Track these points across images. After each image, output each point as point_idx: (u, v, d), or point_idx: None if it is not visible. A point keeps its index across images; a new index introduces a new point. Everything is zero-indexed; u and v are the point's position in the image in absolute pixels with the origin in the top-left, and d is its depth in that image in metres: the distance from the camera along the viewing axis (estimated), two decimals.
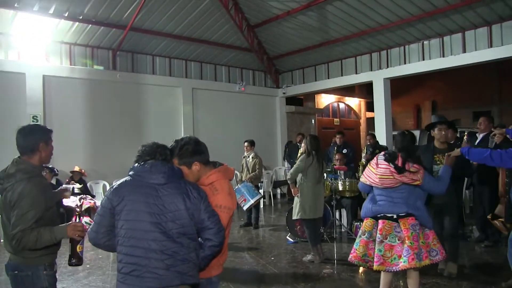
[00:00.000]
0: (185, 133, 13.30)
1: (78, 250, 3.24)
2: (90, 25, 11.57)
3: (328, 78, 15.50)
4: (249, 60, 15.91)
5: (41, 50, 11.43)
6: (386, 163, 4.52)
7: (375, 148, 10.17)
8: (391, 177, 4.46)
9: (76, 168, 11.06)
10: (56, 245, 3.32)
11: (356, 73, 14.47)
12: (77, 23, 11.34)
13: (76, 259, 3.25)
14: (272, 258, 7.73)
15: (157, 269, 2.73)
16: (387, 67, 13.52)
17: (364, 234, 4.66)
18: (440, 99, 21.63)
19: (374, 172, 4.59)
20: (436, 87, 21.17)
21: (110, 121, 12.38)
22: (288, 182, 7.70)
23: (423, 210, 4.58)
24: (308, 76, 16.25)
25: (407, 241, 4.38)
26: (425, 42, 12.47)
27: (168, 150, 3.11)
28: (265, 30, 14.24)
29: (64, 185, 3.59)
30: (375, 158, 4.72)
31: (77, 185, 10.78)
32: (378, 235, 4.54)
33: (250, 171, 10.12)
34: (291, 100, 18.07)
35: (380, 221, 4.58)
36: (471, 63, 11.70)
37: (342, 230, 9.48)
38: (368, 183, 4.72)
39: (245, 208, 8.65)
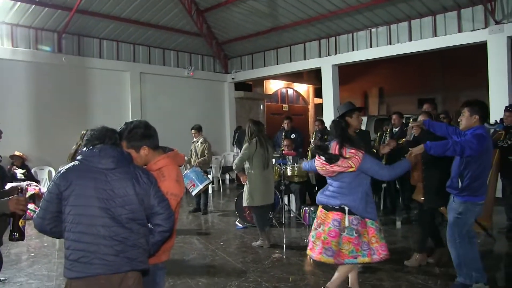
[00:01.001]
0: (133, 118, 13.08)
1: (20, 224, 3.10)
2: (34, 6, 11.17)
3: (277, 64, 15.58)
4: (198, 45, 15.78)
5: None
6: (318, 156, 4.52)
7: (324, 133, 10.30)
8: (323, 168, 4.45)
9: (16, 153, 10.72)
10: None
11: (305, 59, 14.61)
12: (19, 2, 10.93)
13: (18, 234, 3.11)
14: (222, 244, 7.75)
15: (106, 255, 2.67)
16: (336, 53, 13.71)
17: (319, 227, 4.58)
18: (387, 86, 22.10)
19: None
20: (383, 74, 21.60)
21: (55, 105, 12.03)
22: (235, 171, 7.65)
23: (362, 200, 4.41)
24: (257, 61, 16.28)
25: (322, 235, 4.44)
26: (373, 30, 12.71)
27: (117, 134, 3.04)
28: (215, 15, 14.15)
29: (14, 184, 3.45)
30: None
31: (20, 171, 10.48)
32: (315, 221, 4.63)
33: (199, 156, 10.07)
34: (240, 86, 18.08)
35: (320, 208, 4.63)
36: (416, 51, 12.09)
37: (291, 215, 9.59)
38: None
39: (193, 193, 8.65)
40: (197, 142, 10.27)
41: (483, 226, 5.83)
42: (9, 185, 7.18)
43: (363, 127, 12.13)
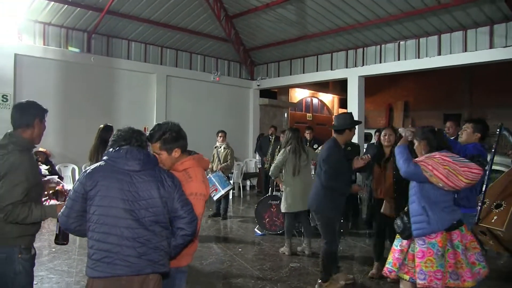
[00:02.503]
0: (158, 120, 13.17)
1: None
2: (66, 6, 11.32)
3: (303, 73, 15.54)
4: (225, 51, 15.84)
5: (14, 28, 11.13)
6: (480, 168, 4.01)
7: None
8: (470, 180, 3.92)
9: (41, 149, 10.85)
10: (35, 227, 3.25)
11: (332, 69, 14.55)
12: (52, 2, 11.10)
13: (62, 238, 3.25)
14: (240, 250, 7.74)
15: (129, 256, 2.70)
16: (363, 65, 13.62)
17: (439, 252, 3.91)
18: (412, 99, 21.89)
19: (463, 179, 3.87)
20: (409, 88, 21.43)
21: (81, 104, 12.18)
22: (272, 177, 7.68)
23: None
24: (283, 69, 16.26)
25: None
26: (401, 43, 12.60)
27: (144, 136, 3.06)
28: (243, 21, 14.19)
29: (48, 177, 3.51)
30: (444, 158, 3.96)
31: (44, 166, 10.62)
32: (461, 246, 3.98)
33: (221, 162, 10.08)
34: (265, 93, 18.08)
35: (456, 231, 4.01)
36: (445, 66, 11.91)
37: (311, 224, 9.51)
38: (441, 184, 3.89)
39: (215, 198, 8.68)
40: (220, 147, 10.29)
41: (507, 247, 5.71)
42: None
43: None
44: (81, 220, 2.81)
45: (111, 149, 2.92)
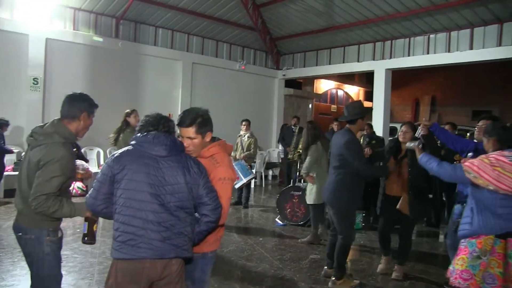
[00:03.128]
0: (182, 107, 13.25)
1: (94, 229, 3.31)
2: None
3: (330, 64, 15.41)
4: (252, 39, 15.80)
5: (45, 12, 11.29)
6: None
7: (372, 138, 10.16)
8: None
9: None
10: None
11: (358, 61, 14.39)
12: None
13: (90, 238, 3.30)
14: (260, 239, 7.75)
15: (153, 240, 2.73)
16: (390, 57, 13.44)
17: (484, 256, 3.69)
18: (440, 94, 21.53)
19: None
20: (437, 82, 21.06)
21: (108, 89, 12.28)
22: (304, 174, 7.64)
23: None
24: (309, 60, 16.16)
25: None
26: (431, 36, 12.36)
27: (171, 122, 3.08)
28: (270, 10, 14.12)
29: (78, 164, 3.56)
30: (499, 159, 3.65)
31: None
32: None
33: (244, 150, 10.08)
34: (290, 83, 17.99)
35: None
36: (477, 60, 11.61)
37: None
38: (491, 187, 3.61)
39: (237, 186, 8.70)
40: (244, 136, 10.28)
41: None
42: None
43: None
44: (108, 202, 2.86)
45: (138, 134, 2.95)
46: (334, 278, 5.51)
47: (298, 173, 9.12)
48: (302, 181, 8.66)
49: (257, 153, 11.35)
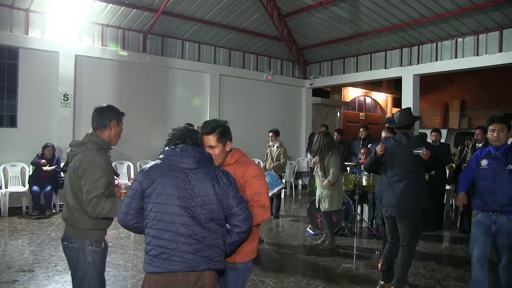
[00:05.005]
0: (212, 118, 13.32)
1: None
2: (123, 7, 11.62)
3: (357, 72, 15.35)
4: (278, 49, 15.85)
5: (74, 30, 11.54)
6: None
7: (369, 141, 10.17)
8: None
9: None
10: (106, 222, 3.50)
11: (386, 68, 14.30)
12: (110, 4, 11.41)
13: None
14: (292, 249, 7.74)
15: (184, 253, 2.75)
16: (418, 63, 13.32)
17: None
18: (469, 98, 21.20)
19: None
20: (466, 86, 20.76)
21: (137, 103, 12.45)
22: (331, 182, 7.72)
23: None
24: (336, 68, 16.12)
25: None
26: (459, 40, 12.22)
27: (199, 135, 3.11)
28: (296, 20, 14.15)
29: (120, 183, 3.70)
30: None
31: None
32: None
33: (274, 160, 10.09)
34: (317, 92, 17.97)
35: None
36: (507, 63, 11.39)
37: (363, 225, 9.44)
38: None
39: None
40: (273, 146, 10.30)
41: None
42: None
43: (442, 140, 11.75)
44: (139, 217, 2.88)
45: (166, 148, 2.98)
46: None
47: None
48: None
49: (287, 163, 11.36)
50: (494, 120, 4.89)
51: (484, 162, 4.87)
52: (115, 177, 3.87)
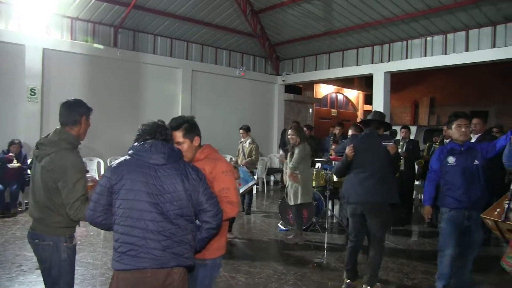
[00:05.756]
0: (183, 115, 13.25)
1: None
2: (93, 0, 11.44)
3: (329, 68, 15.45)
4: (251, 46, 15.85)
5: (42, 22, 11.30)
6: None
7: (343, 138, 10.28)
8: None
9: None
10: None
11: (357, 65, 14.44)
12: None
13: None
14: (263, 245, 7.77)
15: (153, 249, 2.73)
16: (389, 60, 13.49)
17: None
18: (439, 96, 21.55)
19: None
20: (435, 84, 21.09)
21: (107, 98, 12.29)
22: (292, 170, 7.79)
23: None
24: (309, 65, 16.20)
25: None
26: (428, 39, 12.43)
27: (169, 131, 3.10)
28: (269, 16, 14.15)
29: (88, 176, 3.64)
30: None
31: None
32: None
33: (246, 157, 10.08)
34: (290, 88, 18.00)
35: None
36: (473, 62, 11.73)
37: (334, 221, 9.52)
38: None
39: (239, 192, 8.66)
40: (245, 142, 10.28)
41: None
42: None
43: (412, 137, 11.91)
44: (107, 214, 2.85)
45: (136, 143, 2.96)
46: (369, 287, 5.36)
47: None
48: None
49: (259, 159, 11.36)
50: (460, 115, 4.87)
51: (451, 159, 4.81)
52: (90, 175, 3.83)
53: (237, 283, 5.70)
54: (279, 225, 9.01)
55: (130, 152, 2.92)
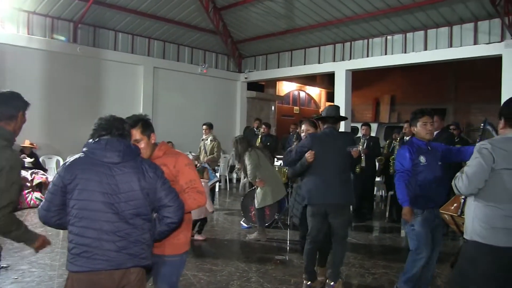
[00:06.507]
0: (144, 112, 13.08)
1: None
2: None
3: (291, 66, 15.54)
4: (213, 43, 15.79)
5: None
6: None
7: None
8: None
9: (26, 143, 10.69)
10: None
11: (319, 63, 14.56)
12: None
13: None
14: (225, 242, 7.76)
15: (108, 251, 2.66)
16: (350, 58, 13.66)
17: None
18: (399, 94, 21.98)
19: None
20: (396, 82, 21.50)
21: (67, 95, 12.07)
22: (251, 181, 7.87)
23: None
24: (271, 62, 16.25)
25: None
26: (389, 37, 12.64)
27: (126, 125, 3.01)
28: (231, 13, 14.14)
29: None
30: None
31: (28, 159, 10.51)
32: None
33: (207, 154, 10.05)
34: (252, 86, 18.06)
35: None
36: (431, 61, 12.05)
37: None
38: None
39: None
40: (207, 139, 10.24)
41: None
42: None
43: (373, 134, 12.12)
44: (61, 213, 2.77)
45: (90, 140, 2.85)
46: (333, 283, 5.24)
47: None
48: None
49: (221, 157, 11.33)
50: (426, 112, 4.72)
51: (423, 159, 4.59)
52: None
53: (199, 281, 5.68)
54: (242, 222, 9.01)
55: (84, 149, 2.82)
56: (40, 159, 11.14)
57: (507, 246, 3.12)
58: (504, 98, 10.18)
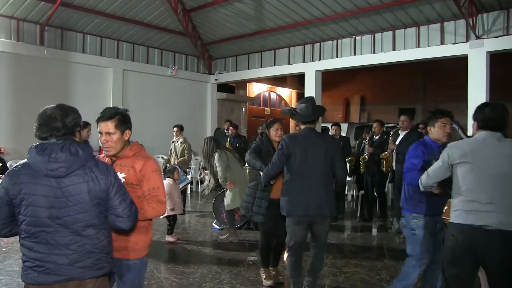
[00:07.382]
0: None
1: None
2: None
3: (261, 67, 15.59)
4: (183, 45, 15.73)
5: None
6: None
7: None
8: None
9: None
10: None
11: (289, 64, 14.65)
12: None
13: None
14: (197, 245, 7.72)
15: (61, 265, 2.55)
16: (320, 59, 13.76)
17: None
18: (369, 94, 22.27)
19: None
20: (366, 83, 21.77)
21: (34, 99, 11.79)
22: (221, 182, 7.81)
23: None
24: (241, 64, 16.27)
25: None
26: (357, 38, 12.79)
27: (70, 117, 2.76)
28: (201, 15, 14.11)
29: None
30: None
31: None
32: None
33: (178, 156, 10.01)
34: (222, 87, 18.07)
35: None
36: (399, 61, 12.23)
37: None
38: None
39: None
40: (177, 141, 10.21)
41: None
42: None
43: (343, 134, 12.23)
44: (11, 225, 2.63)
45: (33, 147, 2.63)
46: None
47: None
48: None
49: (192, 158, 11.29)
50: (445, 113, 4.37)
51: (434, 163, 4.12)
52: None
53: (171, 284, 5.64)
54: (214, 224, 8.99)
55: (28, 159, 2.60)
56: (8, 164, 10.91)
57: (466, 223, 3.47)
58: (470, 97, 10.41)
